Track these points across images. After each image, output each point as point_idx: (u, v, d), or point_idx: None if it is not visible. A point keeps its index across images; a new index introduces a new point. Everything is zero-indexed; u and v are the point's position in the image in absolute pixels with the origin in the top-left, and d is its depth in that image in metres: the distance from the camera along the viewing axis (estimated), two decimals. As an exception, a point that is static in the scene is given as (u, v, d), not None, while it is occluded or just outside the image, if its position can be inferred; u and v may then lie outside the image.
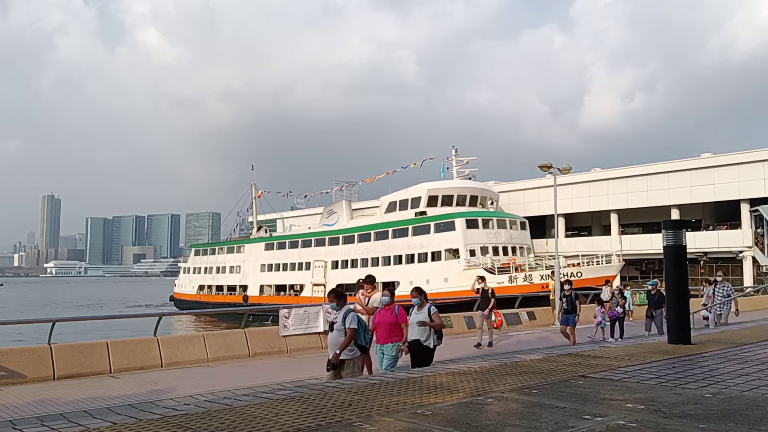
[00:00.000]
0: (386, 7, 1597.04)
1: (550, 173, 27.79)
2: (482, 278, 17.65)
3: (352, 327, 7.96)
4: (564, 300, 16.02)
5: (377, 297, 11.30)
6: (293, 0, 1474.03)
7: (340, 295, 8.39)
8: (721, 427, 3.96)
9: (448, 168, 48.17)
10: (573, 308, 15.69)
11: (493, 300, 16.77)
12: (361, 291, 11.94)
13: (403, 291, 40.36)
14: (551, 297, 25.33)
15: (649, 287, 18.64)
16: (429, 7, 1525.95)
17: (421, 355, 8.77)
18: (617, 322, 18.29)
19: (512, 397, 5.00)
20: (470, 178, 47.93)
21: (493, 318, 20.62)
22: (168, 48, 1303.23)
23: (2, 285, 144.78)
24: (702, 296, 20.61)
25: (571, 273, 36.23)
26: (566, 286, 16.37)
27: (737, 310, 19.74)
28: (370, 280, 11.97)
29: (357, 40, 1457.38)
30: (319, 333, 16.00)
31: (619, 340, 16.83)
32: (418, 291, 9.24)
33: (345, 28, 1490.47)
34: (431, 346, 8.84)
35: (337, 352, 7.89)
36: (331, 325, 8.34)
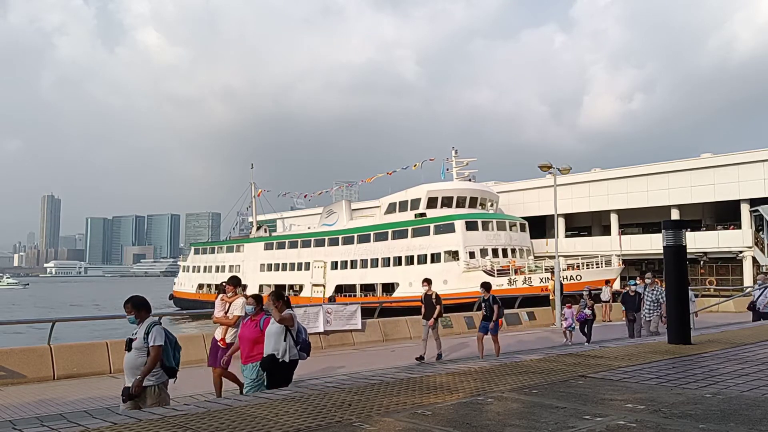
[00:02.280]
0: (386, 8, 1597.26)
1: (550, 173, 27.79)
2: (428, 281, 15.79)
3: (157, 345, 6.30)
4: (483, 305, 14.39)
5: (240, 303, 9.21)
6: (293, 0, 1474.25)
7: (140, 304, 6.60)
8: (721, 427, 3.96)
9: (447, 169, 48.29)
10: (490, 314, 14.12)
11: (439, 307, 14.75)
12: (221, 296, 9.78)
13: (402, 292, 40.53)
14: (551, 297, 25.35)
15: (630, 287, 17.58)
16: (429, 6, 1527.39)
17: (277, 373, 7.30)
18: (586, 325, 17.32)
19: (512, 397, 5.00)
20: (470, 179, 47.96)
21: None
22: (168, 48, 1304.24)
23: (28, 285, 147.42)
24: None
25: (570, 276, 36.23)
26: (482, 290, 14.66)
27: (664, 317, 16.90)
28: (233, 281, 9.84)
29: (357, 40, 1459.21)
30: (319, 333, 16.02)
31: (586, 344, 15.04)
32: (276, 296, 7.54)
33: (345, 28, 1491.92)
34: (287, 360, 7.32)
35: (138, 378, 6.24)
36: (129, 342, 6.51)
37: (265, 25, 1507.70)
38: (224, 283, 9.88)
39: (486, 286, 14.51)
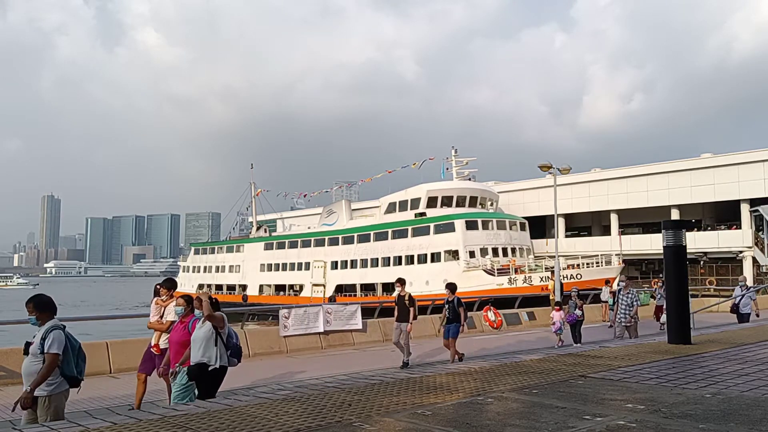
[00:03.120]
0: (385, 8, 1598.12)
1: (550, 173, 27.83)
2: (400, 281, 14.30)
3: (52, 353, 5.70)
4: (446, 307, 13.41)
5: (173, 307, 8.51)
6: (293, 0, 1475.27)
7: (43, 305, 6.03)
8: (721, 427, 3.96)
9: (447, 169, 48.26)
10: (456, 317, 13.19)
11: (413, 309, 13.37)
12: (155, 300, 9.17)
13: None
14: (551, 297, 25.34)
15: (620, 288, 16.92)
16: (428, 6, 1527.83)
17: (206, 381, 6.66)
18: (576, 327, 16.47)
19: (512, 397, 5.00)
20: (470, 179, 47.94)
21: (493, 318, 20.66)
22: (167, 48, 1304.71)
23: (38, 284, 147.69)
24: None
25: (571, 275, 36.23)
26: (446, 291, 13.79)
27: (634, 319, 15.70)
28: (167, 284, 9.15)
29: (356, 40, 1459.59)
30: (319, 333, 16.01)
31: (576, 346, 14.58)
32: (198, 300, 6.96)
33: (344, 28, 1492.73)
34: (218, 366, 6.68)
35: (28, 389, 5.74)
36: (26, 345, 5.97)
37: (265, 25, 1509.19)
38: (158, 286, 9.21)
39: (451, 287, 13.69)
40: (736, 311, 17.52)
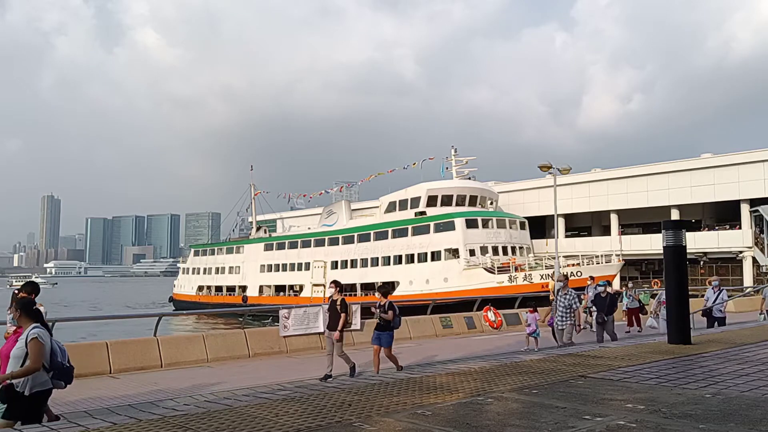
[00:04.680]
0: (385, 8, 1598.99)
1: (550, 173, 27.83)
2: (335, 283, 12.50)
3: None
4: (377, 312, 11.51)
5: None
6: (292, 1, 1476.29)
7: (27, 306, 5.92)
8: (721, 428, 3.96)
9: (447, 168, 48.26)
10: (387, 323, 11.36)
11: (344, 316, 11.64)
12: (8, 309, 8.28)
13: (402, 291, 40.57)
14: (551, 298, 25.29)
15: (599, 289, 16.16)
16: (428, 6, 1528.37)
17: (19, 407, 5.57)
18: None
19: (512, 397, 5.00)
20: (470, 178, 47.96)
21: (493, 318, 20.64)
22: (167, 48, 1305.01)
23: (56, 284, 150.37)
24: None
25: (571, 272, 36.22)
26: (377, 294, 11.97)
27: (579, 326, 13.93)
28: (28, 288, 8.01)
29: (356, 40, 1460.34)
30: (319, 333, 15.99)
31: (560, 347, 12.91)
32: (21, 306, 6.05)
33: (344, 28, 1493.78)
34: (27, 394, 5.57)
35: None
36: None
37: (265, 26, 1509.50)
38: (17, 291, 8.29)
39: (382, 290, 12.08)
40: (708, 315, 16.06)
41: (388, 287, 12.95)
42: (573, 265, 39.68)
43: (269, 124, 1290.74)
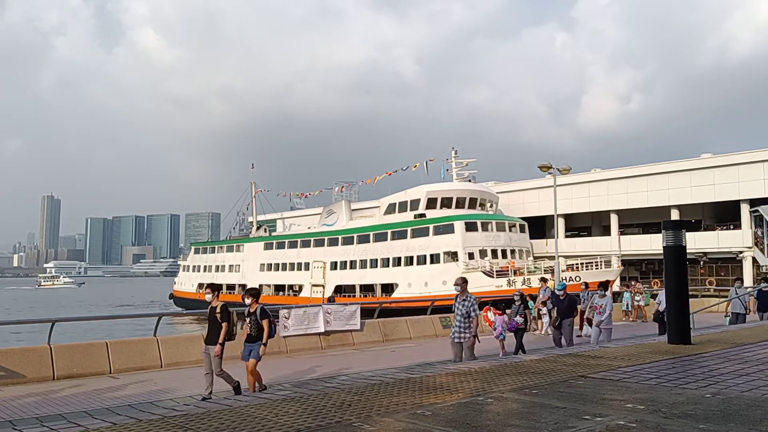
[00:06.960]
0: (385, 8, 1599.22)
1: (550, 174, 27.83)
2: (211, 286, 10.65)
3: None
4: (248, 320, 9.92)
5: None
6: (292, 0, 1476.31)
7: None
8: (721, 428, 3.96)
9: (447, 170, 48.28)
10: (259, 334, 9.80)
11: (225, 326, 9.76)
12: None
13: (401, 293, 40.56)
14: (537, 301, 25.24)
15: (558, 292, 15.26)
16: (428, 6, 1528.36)
17: None
18: (517, 335, 14.65)
19: (512, 397, 5.00)
20: (470, 180, 47.97)
21: (493, 318, 20.56)
22: (167, 48, 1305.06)
23: (83, 284, 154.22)
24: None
25: (570, 277, 36.21)
26: (247, 300, 10.07)
27: (477, 337, 11.77)
28: None
29: (356, 40, 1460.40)
30: (319, 334, 16.00)
31: (521, 355, 11.82)
32: None
33: (344, 28, 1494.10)
34: None
35: None
36: None
37: (265, 26, 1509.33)
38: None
39: (252, 293, 10.17)
40: (660, 319, 15.27)
41: (258, 289, 11.42)
42: (572, 269, 39.66)
43: (269, 124, 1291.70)
